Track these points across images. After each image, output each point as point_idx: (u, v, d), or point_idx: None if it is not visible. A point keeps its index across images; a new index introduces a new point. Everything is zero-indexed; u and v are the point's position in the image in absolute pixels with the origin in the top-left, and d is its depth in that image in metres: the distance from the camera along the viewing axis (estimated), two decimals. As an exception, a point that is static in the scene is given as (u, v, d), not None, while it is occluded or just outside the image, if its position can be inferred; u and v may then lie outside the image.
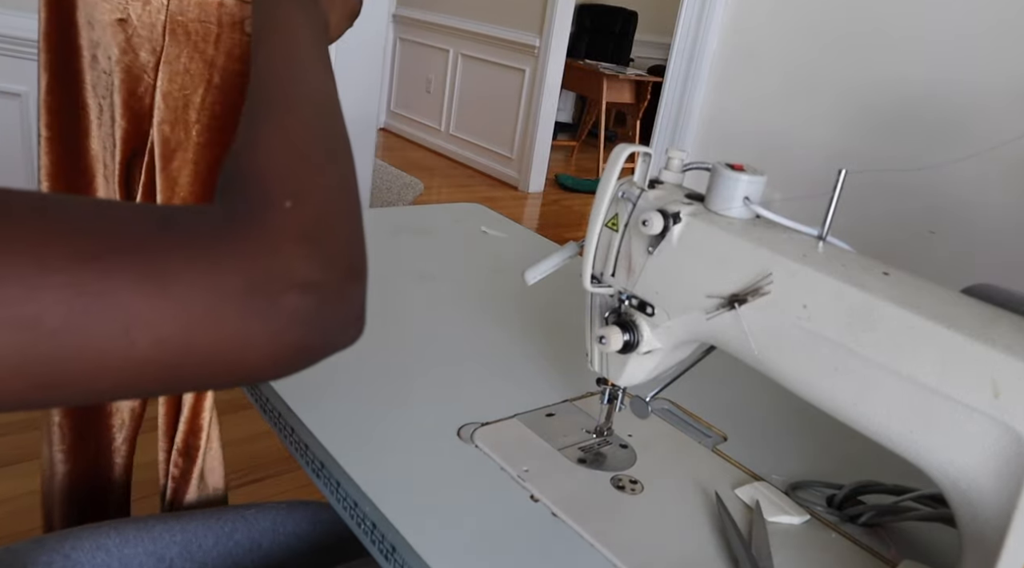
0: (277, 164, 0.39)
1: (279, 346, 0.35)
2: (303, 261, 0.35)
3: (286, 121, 0.42)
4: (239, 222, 0.35)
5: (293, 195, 0.37)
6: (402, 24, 5.00)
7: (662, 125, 2.23)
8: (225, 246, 0.33)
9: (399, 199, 3.78)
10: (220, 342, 0.33)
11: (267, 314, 0.34)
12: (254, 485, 1.60)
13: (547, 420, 0.68)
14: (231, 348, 0.33)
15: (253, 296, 0.33)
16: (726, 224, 0.52)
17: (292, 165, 0.39)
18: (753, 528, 0.57)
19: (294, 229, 0.36)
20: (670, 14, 2.46)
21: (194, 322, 0.32)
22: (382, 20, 2.48)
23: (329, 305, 0.36)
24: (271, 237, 0.35)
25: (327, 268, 0.36)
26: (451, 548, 0.52)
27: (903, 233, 1.77)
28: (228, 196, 0.37)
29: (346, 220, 0.40)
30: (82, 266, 0.30)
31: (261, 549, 0.70)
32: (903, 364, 0.44)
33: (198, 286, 0.32)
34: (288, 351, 0.35)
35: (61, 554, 0.61)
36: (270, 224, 0.35)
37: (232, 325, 0.33)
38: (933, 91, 1.71)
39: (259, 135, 0.41)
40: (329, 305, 0.36)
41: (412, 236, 1.11)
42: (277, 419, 0.67)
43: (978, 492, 0.43)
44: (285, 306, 0.34)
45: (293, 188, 0.38)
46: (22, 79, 1.78)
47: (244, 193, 0.37)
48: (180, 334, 0.32)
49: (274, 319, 0.34)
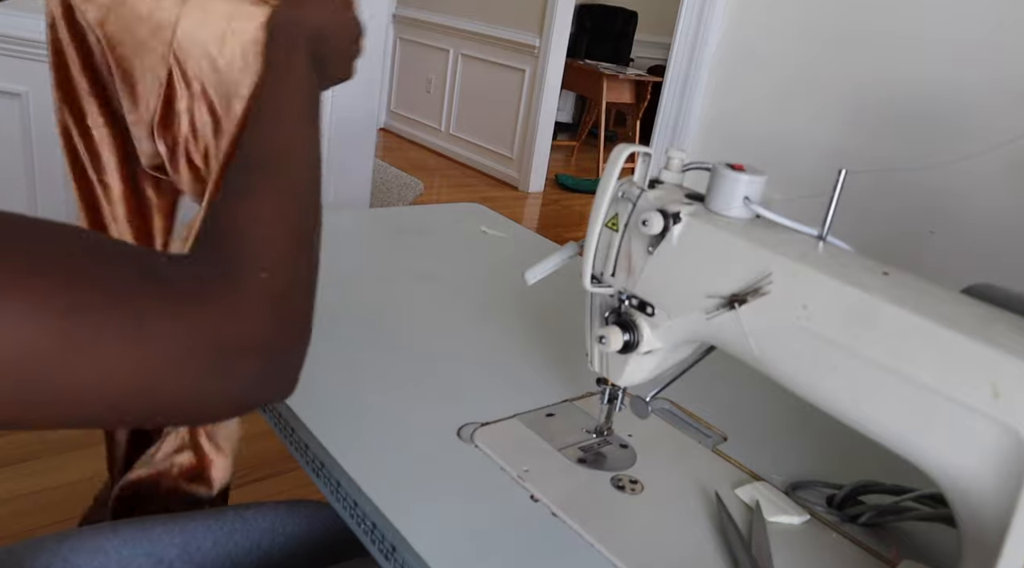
0: (264, 232, 0.42)
1: (229, 400, 0.39)
2: (264, 328, 0.39)
3: (280, 185, 0.45)
4: (216, 283, 0.39)
5: (270, 267, 0.41)
6: (402, 24, 5.00)
7: (662, 125, 2.23)
8: (199, 307, 0.37)
9: (399, 199, 3.78)
10: (181, 392, 0.37)
11: (224, 372, 0.38)
12: (254, 485, 1.60)
13: (547, 420, 0.68)
14: (189, 398, 0.37)
15: (216, 355, 0.37)
16: (726, 224, 0.52)
17: (277, 236, 0.43)
18: (753, 528, 0.57)
19: (263, 298, 0.40)
20: (670, 14, 2.46)
21: (162, 374, 0.36)
22: (382, 20, 2.48)
23: (276, 368, 0.41)
24: (242, 303, 0.39)
25: (282, 335, 0.41)
26: (451, 548, 0.52)
27: (903, 233, 1.77)
28: (212, 251, 0.41)
29: (307, 292, 0.44)
30: (76, 317, 0.33)
31: (261, 549, 0.70)
32: (903, 364, 0.44)
33: (172, 343, 0.36)
34: (234, 405, 0.40)
35: (59, 556, 0.61)
36: (243, 291, 0.39)
37: (194, 379, 0.37)
38: (933, 91, 1.71)
39: (252, 194, 0.44)
40: (276, 368, 0.41)
41: (412, 236, 1.11)
42: (277, 419, 0.67)
43: (978, 492, 0.43)
44: (240, 366, 0.38)
45: (271, 260, 0.41)
46: (22, 79, 1.78)
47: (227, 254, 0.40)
48: (148, 383, 0.35)
49: (230, 377, 0.38)
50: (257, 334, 0.39)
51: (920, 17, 1.71)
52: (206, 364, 0.37)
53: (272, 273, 0.41)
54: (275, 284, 0.40)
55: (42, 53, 0.64)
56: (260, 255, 0.41)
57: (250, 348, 0.38)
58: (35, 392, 0.32)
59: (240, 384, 0.39)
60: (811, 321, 0.48)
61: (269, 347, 0.40)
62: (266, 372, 0.40)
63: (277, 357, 0.40)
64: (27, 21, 1.70)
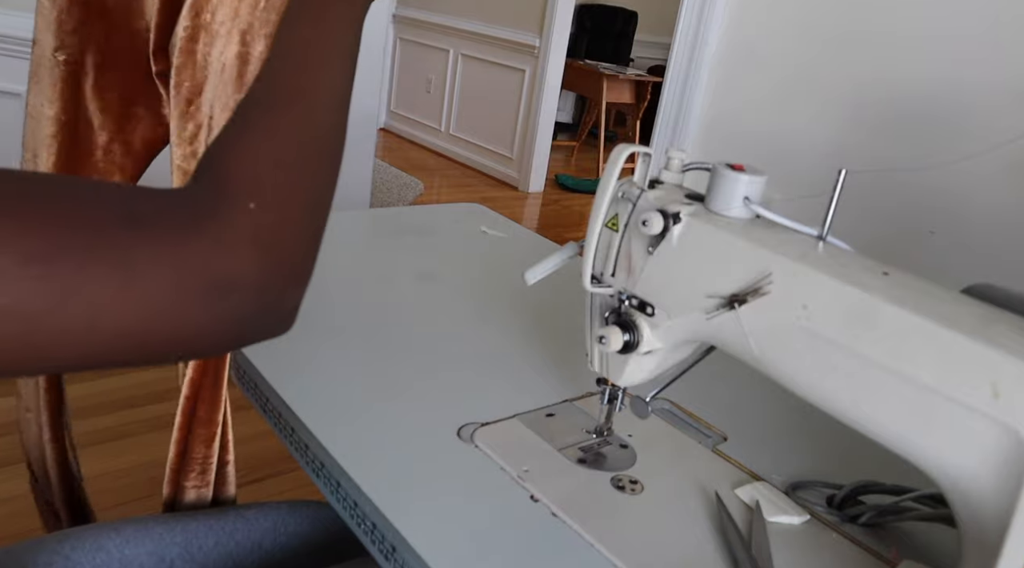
0: (253, 167, 0.41)
1: (221, 336, 0.39)
2: (253, 265, 0.38)
3: (280, 121, 0.43)
4: (203, 218, 0.38)
5: (258, 199, 0.40)
6: (402, 24, 5.00)
7: (662, 125, 2.23)
8: (187, 245, 0.36)
9: (399, 199, 3.78)
10: (174, 332, 0.36)
11: (216, 311, 0.37)
12: (254, 485, 1.60)
13: (547, 420, 0.68)
14: (182, 337, 0.37)
15: (207, 295, 0.37)
16: (726, 224, 0.52)
17: (267, 170, 0.41)
18: (753, 528, 0.57)
19: (250, 232, 0.39)
20: (670, 14, 2.46)
21: (153, 315, 0.35)
22: (382, 20, 2.48)
23: (268, 306, 0.40)
24: (229, 238, 0.38)
25: (273, 274, 0.40)
26: (451, 548, 0.52)
27: (903, 233, 1.77)
28: (201, 184, 0.40)
29: (304, 229, 0.42)
30: (59, 260, 0.32)
31: (262, 549, 0.70)
32: (903, 364, 0.44)
33: (160, 282, 0.35)
34: (226, 340, 0.40)
35: (61, 555, 0.61)
36: (229, 224, 0.38)
37: (185, 319, 0.36)
38: (933, 91, 1.71)
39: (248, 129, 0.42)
40: (268, 306, 0.40)
41: (412, 236, 1.11)
42: (277, 419, 0.67)
43: (978, 492, 0.43)
44: (232, 305, 0.38)
45: (260, 193, 0.40)
46: (22, 79, 1.78)
47: (215, 187, 0.39)
48: (139, 324, 0.35)
49: (221, 315, 0.38)
50: (245, 272, 0.38)
51: (920, 17, 1.71)
52: (196, 301, 0.36)
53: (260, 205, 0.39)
54: (263, 218, 0.39)
55: (42, 53, 0.64)
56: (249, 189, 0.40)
57: (241, 285, 0.38)
58: (20, 341, 0.32)
59: (233, 320, 0.38)
60: (811, 321, 0.48)
61: (260, 284, 0.39)
62: (259, 309, 0.39)
63: (269, 294, 0.40)
64: (27, 21, 1.70)
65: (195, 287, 0.36)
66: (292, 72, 0.45)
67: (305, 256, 0.42)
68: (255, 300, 0.39)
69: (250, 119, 0.43)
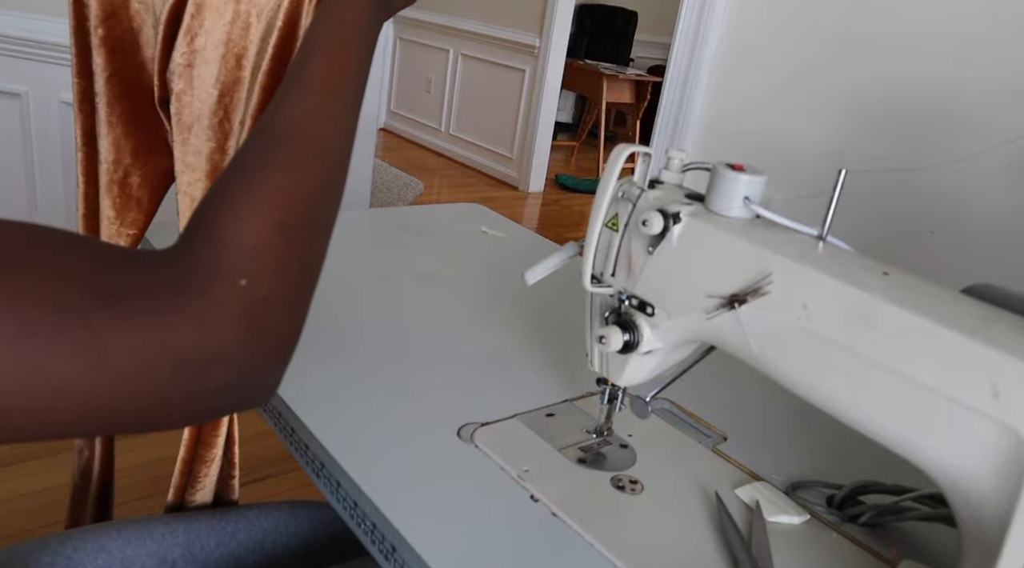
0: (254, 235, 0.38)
1: (194, 412, 0.37)
2: (236, 341, 0.36)
3: (284, 179, 0.40)
4: (189, 294, 0.35)
5: (252, 275, 0.37)
6: (402, 24, 5.00)
7: (662, 125, 2.23)
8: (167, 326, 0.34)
9: (399, 199, 3.78)
10: (145, 408, 0.34)
11: (191, 389, 0.35)
12: (255, 485, 1.60)
13: (547, 420, 0.68)
14: (155, 414, 0.35)
15: (182, 373, 0.34)
16: (726, 224, 0.52)
17: (268, 238, 0.38)
18: (753, 528, 0.57)
19: (238, 308, 0.36)
20: (670, 14, 2.46)
21: (123, 393, 0.33)
22: (382, 20, 2.48)
23: (248, 382, 0.37)
24: (214, 314, 0.35)
25: (257, 349, 0.37)
26: (451, 548, 0.52)
27: (903, 233, 1.77)
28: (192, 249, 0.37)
29: (293, 305, 0.39)
30: (26, 340, 0.30)
31: (263, 549, 0.70)
32: (903, 364, 0.44)
33: (133, 362, 0.33)
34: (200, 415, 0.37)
35: (63, 555, 0.61)
36: (216, 304, 0.35)
37: (159, 397, 0.34)
38: (933, 91, 1.71)
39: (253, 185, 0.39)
40: (248, 382, 0.37)
41: (412, 236, 1.11)
42: (277, 419, 0.68)
43: (978, 492, 0.43)
44: (208, 381, 0.35)
45: (256, 265, 0.37)
46: (22, 79, 1.78)
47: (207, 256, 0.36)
48: (107, 402, 0.33)
49: (198, 393, 0.35)
50: (228, 349, 0.35)
51: (920, 17, 1.71)
52: (172, 383, 0.34)
53: (252, 281, 0.37)
54: (254, 293, 0.36)
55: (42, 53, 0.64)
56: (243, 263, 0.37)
57: (219, 362, 0.35)
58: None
59: (209, 397, 0.36)
60: (811, 321, 0.48)
61: (242, 362, 0.36)
62: (238, 385, 0.37)
63: (250, 371, 0.37)
64: (27, 21, 1.70)
65: (169, 366, 0.34)
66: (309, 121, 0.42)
67: (290, 333, 0.39)
68: (235, 377, 0.36)
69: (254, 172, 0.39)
